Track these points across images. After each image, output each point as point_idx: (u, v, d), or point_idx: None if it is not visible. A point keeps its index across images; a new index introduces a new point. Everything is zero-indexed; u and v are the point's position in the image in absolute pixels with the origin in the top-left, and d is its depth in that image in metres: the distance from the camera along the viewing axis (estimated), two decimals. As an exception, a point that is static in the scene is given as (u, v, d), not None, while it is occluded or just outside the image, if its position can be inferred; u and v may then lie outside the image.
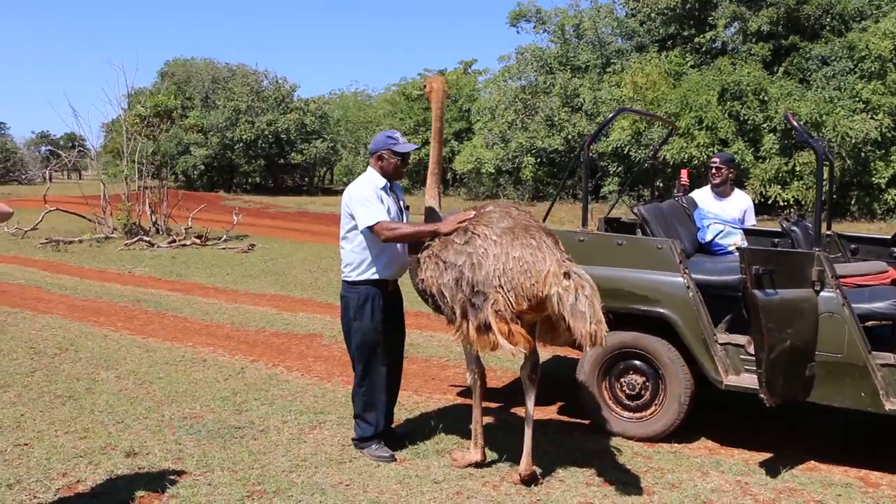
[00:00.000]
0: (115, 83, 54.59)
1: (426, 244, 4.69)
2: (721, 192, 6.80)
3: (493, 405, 5.98)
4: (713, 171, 6.78)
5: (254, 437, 5.27)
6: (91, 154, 23.56)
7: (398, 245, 4.96)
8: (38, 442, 5.15)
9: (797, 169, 22.57)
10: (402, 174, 5.09)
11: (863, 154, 22.16)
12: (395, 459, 4.88)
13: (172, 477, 4.58)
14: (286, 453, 4.97)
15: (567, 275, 4.05)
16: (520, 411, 5.70)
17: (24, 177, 56.57)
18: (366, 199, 4.81)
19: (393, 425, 5.28)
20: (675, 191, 7.04)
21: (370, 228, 4.74)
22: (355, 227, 4.88)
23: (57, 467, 4.73)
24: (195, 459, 4.84)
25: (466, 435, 5.18)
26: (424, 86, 5.25)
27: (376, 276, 4.91)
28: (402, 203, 5.06)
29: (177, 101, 23.32)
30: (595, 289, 4.06)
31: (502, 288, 4.16)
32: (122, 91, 27.66)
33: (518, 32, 41.57)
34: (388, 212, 4.84)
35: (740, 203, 6.82)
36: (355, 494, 4.36)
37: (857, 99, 22.54)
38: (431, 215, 4.93)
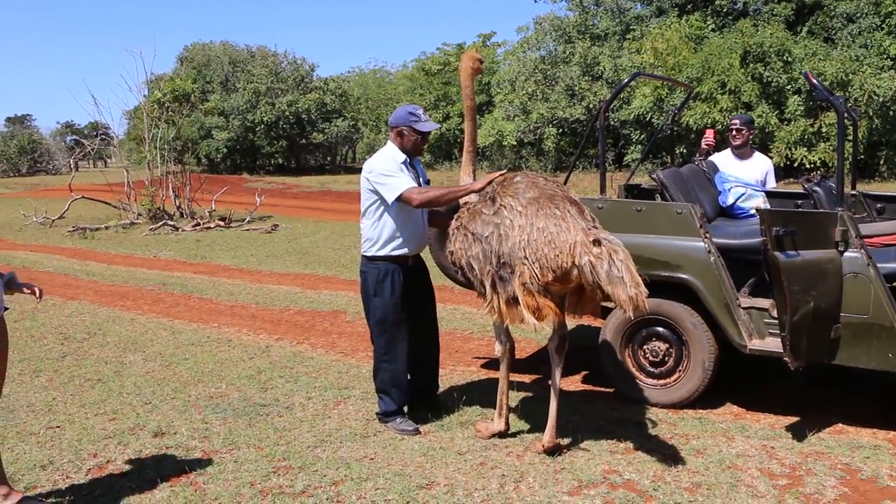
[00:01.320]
0: (134, 70, 54.88)
1: (456, 215, 4.65)
2: (741, 153, 6.70)
3: (517, 376, 5.98)
4: (733, 132, 6.67)
5: (279, 414, 5.32)
6: (114, 142, 23.69)
7: (419, 219, 4.95)
8: (69, 424, 5.24)
9: (823, 130, 22.16)
10: (422, 151, 5.03)
11: (891, 112, 21.71)
12: (420, 433, 4.90)
13: (199, 455, 4.64)
14: (311, 429, 5.01)
15: (597, 242, 3.95)
16: (543, 382, 5.70)
17: (50, 167, 57.22)
18: (389, 170, 4.76)
19: (428, 400, 5.28)
20: (697, 155, 6.94)
21: (399, 199, 4.69)
22: (375, 203, 4.86)
23: (88, 448, 4.81)
24: (221, 438, 4.90)
25: (490, 406, 5.18)
26: (480, 60, 5.05)
27: (396, 252, 4.88)
28: (422, 179, 5.00)
29: (194, 85, 23.32)
30: (627, 253, 3.95)
31: (527, 259, 4.08)
32: (141, 78, 27.65)
33: (536, 2, 41.16)
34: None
35: (761, 165, 6.71)
36: (380, 468, 4.39)
37: (885, 56, 22.06)
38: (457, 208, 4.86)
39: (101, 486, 4.30)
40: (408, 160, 4.90)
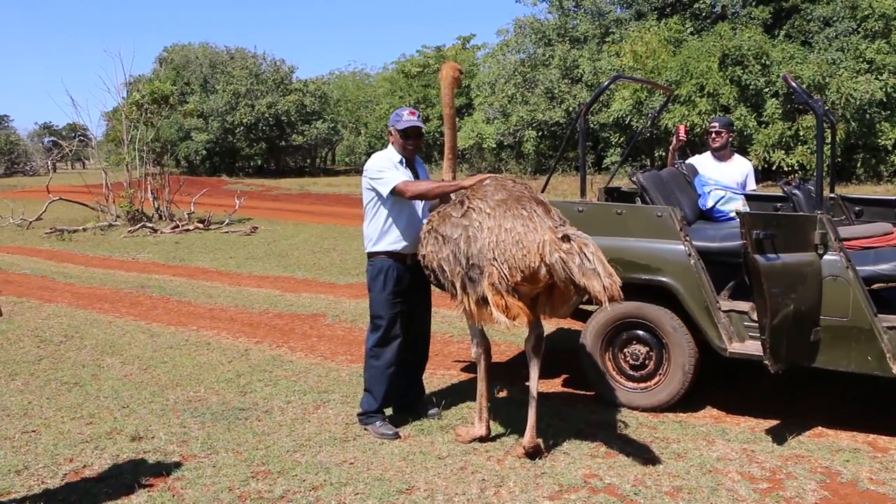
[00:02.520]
0: (112, 71, 54.59)
1: (427, 219, 4.72)
2: (721, 156, 6.73)
3: (496, 380, 5.97)
4: (713, 135, 6.70)
5: (258, 418, 5.27)
6: (92, 143, 23.47)
7: (415, 215, 5.01)
8: (45, 428, 5.16)
9: (801, 133, 22.40)
10: (410, 150, 5.08)
11: (868, 115, 21.97)
12: (399, 437, 4.88)
13: (177, 459, 4.58)
14: (290, 433, 4.97)
15: (566, 237, 3.99)
16: (523, 385, 5.69)
17: (28, 168, 56.66)
18: (382, 168, 4.92)
19: (416, 398, 5.33)
20: (672, 150, 6.97)
21: (394, 191, 4.81)
22: (372, 200, 4.99)
23: (64, 453, 4.74)
24: (200, 442, 4.85)
25: (470, 410, 5.18)
26: (459, 71, 5.11)
27: (391, 247, 4.97)
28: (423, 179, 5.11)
29: (173, 87, 23.15)
30: (597, 245, 4.00)
31: (496, 261, 4.13)
32: (120, 79, 27.49)
33: (517, 2, 41.25)
34: None
35: (741, 167, 6.75)
36: (359, 472, 4.36)
37: (861, 59, 22.32)
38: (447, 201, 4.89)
39: (77, 491, 4.24)
40: (403, 160, 5.01)
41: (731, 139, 6.81)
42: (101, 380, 6.23)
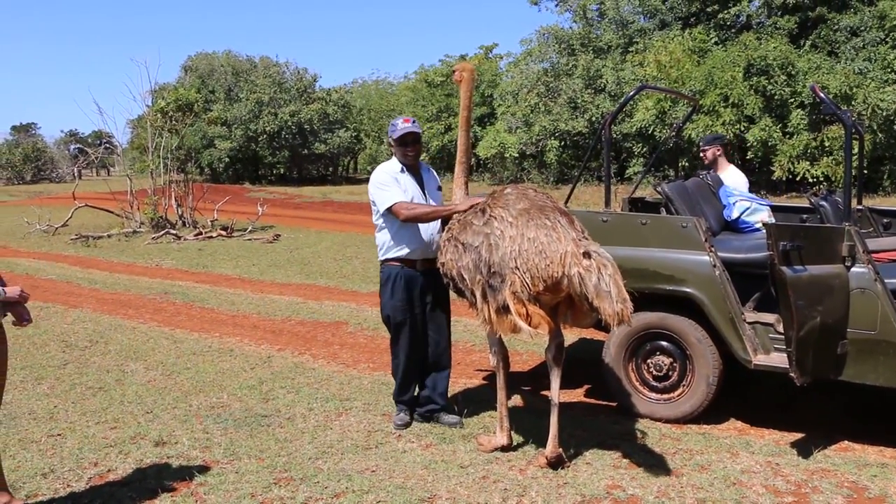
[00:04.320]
0: (138, 79, 55.02)
1: (447, 227, 4.73)
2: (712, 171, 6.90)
3: (518, 389, 5.95)
4: (701, 154, 6.99)
5: (280, 424, 5.29)
6: (118, 150, 23.75)
7: (420, 226, 5.05)
8: (70, 432, 5.22)
9: (826, 144, 22.13)
10: (411, 157, 5.16)
11: (895, 127, 21.68)
12: (406, 426, 5.15)
13: (200, 465, 4.61)
14: (312, 440, 4.98)
15: (587, 254, 4.00)
16: (546, 395, 5.66)
17: (54, 175, 57.34)
18: (382, 183, 5.05)
19: (437, 408, 5.36)
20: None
21: (389, 210, 4.96)
22: (377, 211, 5.11)
23: (89, 457, 4.78)
24: (222, 448, 4.87)
25: (492, 419, 5.17)
26: (454, 71, 5.28)
27: (398, 254, 5.10)
28: (426, 186, 5.18)
29: (198, 95, 23.37)
30: (616, 267, 4.02)
31: (518, 269, 4.14)
32: (145, 87, 27.80)
33: (539, 11, 41.29)
34: (407, 194, 5.03)
35: (738, 179, 6.86)
36: (381, 480, 4.36)
37: (889, 70, 22.05)
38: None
39: (102, 495, 4.28)
40: (404, 168, 5.12)
41: (718, 153, 6.95)
42: (125, 385, 6.29)
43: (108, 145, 25.47)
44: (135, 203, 19.16)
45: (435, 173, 5.46)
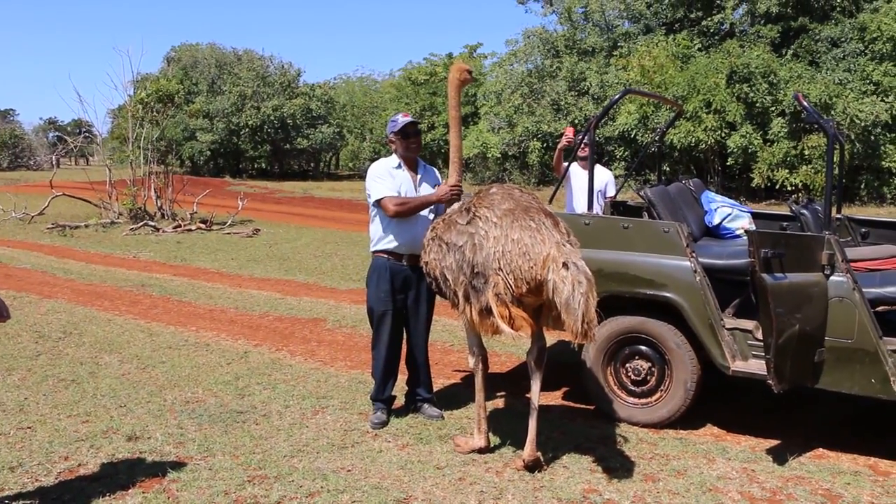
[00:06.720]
0: (120, 69, 54.48)
1: (431, 226, 4.70)
2: (584, 165, 6.95)
3: (497, 391, 5.93)
4: (583, 146, 6.95)
5: (256, 421, 5.23)
6: (97, 140, 23.50)
7: (409, 220, 5.10)
8: (40, 425, 5.13)
9: (806, 153, 22.34)
10: (413, 150, 5.23)
11: (872, 137, 21.94)
12: (383, 426, 5.12)
13: (174, 461, 4.55)
14: (288, 438, 4.93)
15: (566, 265, 3.96)
16: (524, 397, 5.65)
17: (32, 162, 56.73)
18: (378, 175, 5.12)
19: (421, 399, 5.44)
20: (559, 146, 7.13)
21: (378, 203, 5.05)
22: (370, 203, 5.20)
23: (59, 451, 4.70)
24: (196, 444, 4.81)
25: (470, 420, 5.15)
26: (469, 71, 5.19)
27: (386, 247, 5.15)
28: (420, 183, 5.20)
29: (180, 86, 23.17)
30: (592, 283, 3.97)
31: (501, 270, 4.10)
32: (127, 77, 27.51)
33: (526, 12, 41.36)
34: (401, 189, 5.09)
35: (601, 176, 7.10)
36: (357, 480, 4.32)
37: (868, 81, 22.30)
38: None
39: (72, 490, 4.20)
40: (401, 164, 5.17)
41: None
42: (99, 378, 6.20)
43: (87, 134, 25.18)
44: (113, 193, 18.97)
45: (437, 173, 5.48)
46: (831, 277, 4.60)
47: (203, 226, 17.16)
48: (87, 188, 20.16)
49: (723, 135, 23.25)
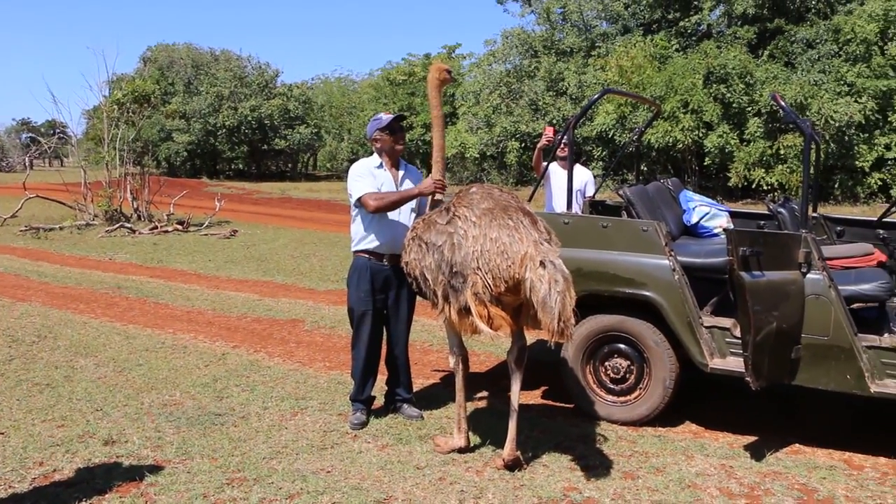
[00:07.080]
0: (95, 69, 54.15)
1: (412, 226, 4.69)
2: (564, 164, 6.88)
3: (476, 390, 5.93)
4: (562, 146, 6.84)
5: (234, 423, 5.19)
6: (72, 141, 23.25)
7: (390, 219, 5.11)
8: (14, 430, 5.06)
9: (781, 152, 22.57)
10: (396, 148, 5.21)
11: (846, 137, 22.19)
12: (363, 426, 5.11)
13: (151, 465, 4.50)
14: (267, 440, 4.90)
15: (543, 264, 3.95)
16: (503, 396, 5.65)
17: (4, 164, 56.05)
18: (358, 175, 5.11)
19: (401, 399, 5.44)
20: (538, 146, 7.09)
21: (359, 201, 5.03)
22: (351, 202, 5.20)
23: (33, 456, 4.64)
24: (174, 447, 4.77)
25: (450, 420, 5.14)
26: (448, 71, 5.15)
27: (367, 246, 5.14)
28: (401, 183, 5.20)
29: (156, 87, 22.99)
30: (569, 282, 3.95)
31: (480, 270, 4.10)
32: (102, 77, 27.30)
33: (505, 12, 41.42)
34: (382, 188, 5.08)
35: (581, 176, 7.05)
36: (336, 481, 4.30)
37: (842, 82, 22.55)
38: (437, 205, 4.88)
39: (47, 497, 4.14)
40: (383, 164, 5.17)
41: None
42: (74, 381, 6.12)
43: (62, 135, 24.91)
44: (89, 195, 18.75)
45: (419, 172, 5.45)
46: (808, 275, 4.64)
47: (180, 227, 17.03)
48: (61, 190, 19.92)
49: (700, 135, 23.43)
